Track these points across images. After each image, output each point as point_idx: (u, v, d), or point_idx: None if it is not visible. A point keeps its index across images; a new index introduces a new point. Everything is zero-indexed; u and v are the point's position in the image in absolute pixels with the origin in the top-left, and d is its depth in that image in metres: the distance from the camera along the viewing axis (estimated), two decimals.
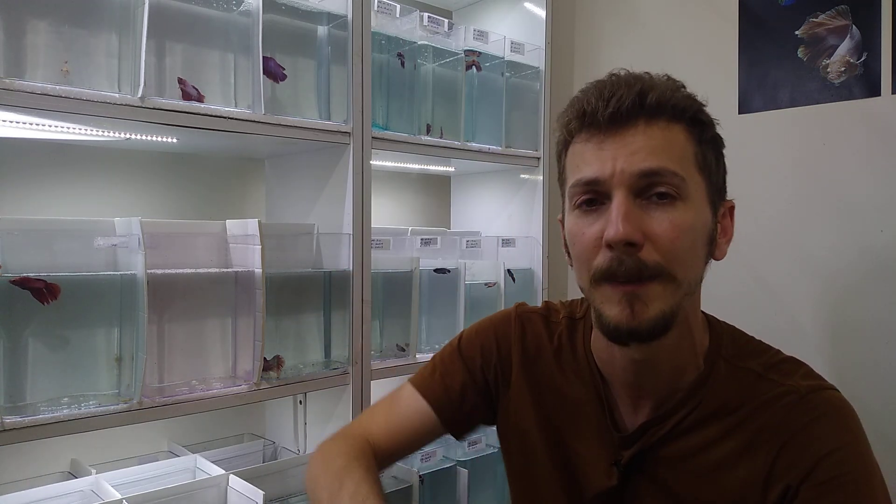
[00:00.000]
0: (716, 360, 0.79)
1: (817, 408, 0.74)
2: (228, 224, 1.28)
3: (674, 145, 0.73)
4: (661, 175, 0.71)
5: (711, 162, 0.76)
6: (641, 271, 0.70)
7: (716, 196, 0.77)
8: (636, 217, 0.71)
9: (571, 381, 0.87)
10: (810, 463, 0.71)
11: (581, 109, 0.74)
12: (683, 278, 0.72)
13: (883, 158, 1.37)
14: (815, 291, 1.46)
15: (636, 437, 0.80)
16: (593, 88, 0.75)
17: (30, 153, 1.27)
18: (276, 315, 1.26)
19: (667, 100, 0.73)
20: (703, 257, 0.75)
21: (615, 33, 1.85)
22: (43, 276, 0.99)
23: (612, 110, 0.72)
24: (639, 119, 0.72)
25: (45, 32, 1.01)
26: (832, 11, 1.43)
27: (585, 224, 0.74)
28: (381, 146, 1.40)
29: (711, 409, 0.77)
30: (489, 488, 1.61)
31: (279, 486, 1.35)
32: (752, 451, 0.74)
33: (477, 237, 1.72)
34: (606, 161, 0.72)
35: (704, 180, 0.75)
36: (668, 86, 0.75)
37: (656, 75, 0.77)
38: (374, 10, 1.38)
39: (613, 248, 0.71)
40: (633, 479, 0.80)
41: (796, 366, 0.79)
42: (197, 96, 1.15)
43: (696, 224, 0.73)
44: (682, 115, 0.74)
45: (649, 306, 0.71)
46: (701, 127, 0.76)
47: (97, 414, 1.03)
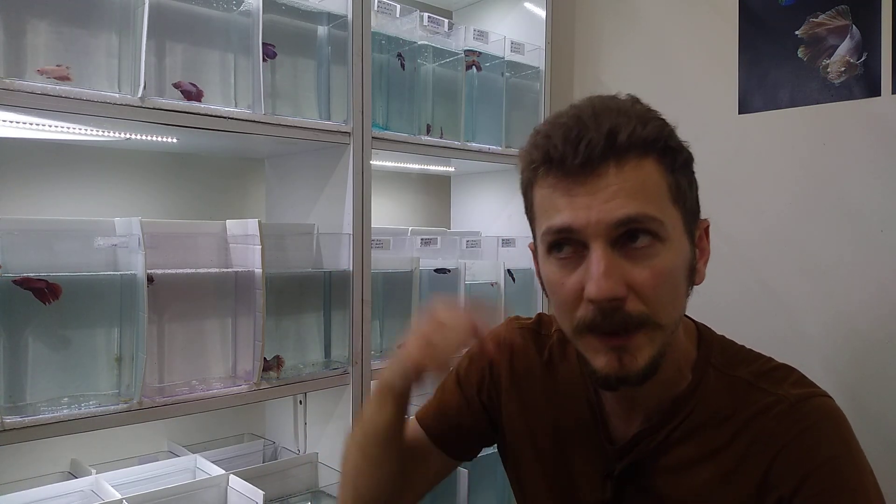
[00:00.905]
0: (705, 369, 0.79)
1: (808, 417, 0.73)
2: (228, 224, 1.28)
3: (647, 185, 0.69)
4: (638, 221, 0.68)
5: (685, 189, 0.73)
6: (626, 323, 0.68)
7: (692, 223, 0.74)
8: (617, 269, 0.68)
9: (563, 395, 0.87)
10: (802, 474, 0.70)
11: (547, 154, 0.70)
12: (667, 323, 0.71)
13: (883, 158, 1.37)
14: (815, 291, 1.46)
15: (629, 448, 0.79)
16: (559, 130, 0.70)
17: (30, 153, 1.28)
18: (276, 315, 1.26)
19: (637, 135, 0.68)
20: (685, 292, 0.74)
21: (615, 33, 1.85)
22: (44, 277, 0.99)
23: (582, 159, 0.68)
24: (609, 161, 0.68)
25: (45, 32, 1.01)
26: (832, 11, 1.43)
27: (563, 275, 0.71)
28: (381, 146, 1.40)
29: (702, 418, 0.77)
30: (489, 488, 1.61)
31: (279, 486, 1.35)
32: (745, 464, 0.74)
33: (477, 237, 1.72)
34: (580, 210, 0.68)
35: (680, 212, 0.72)
36: (637, 115, 0.70)
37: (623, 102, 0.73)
38: (374, 10, 1.38)
39: (596, 303, 0.68)
40: (626, 492, 0.79)
41: (787, 373, 0.78)
42: (196, 93, 1.15)
43: (676, 263, 0.71)
44: (652, 146, 0.69)
45: (637, 357, 0.69)
46: (672, 155, 0.71)
47: (97, 414, 1.03)
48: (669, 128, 0.73)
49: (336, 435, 1.38)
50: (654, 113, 0.73)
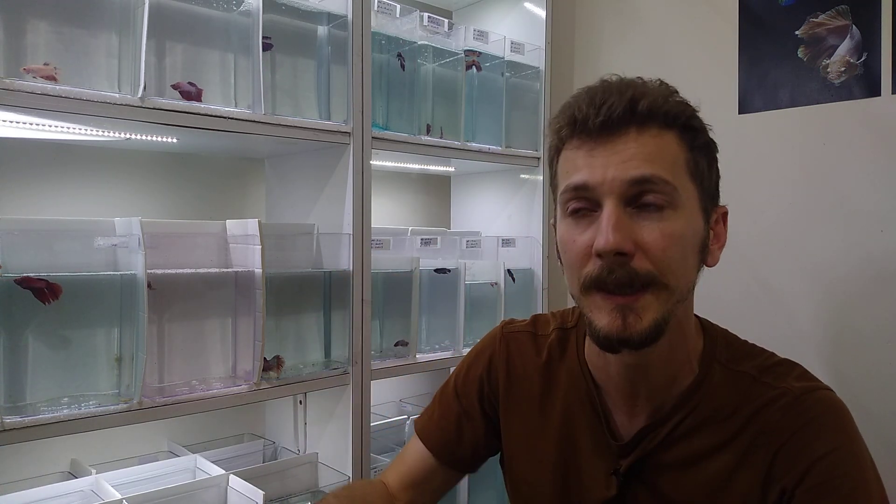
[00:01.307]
0: (710, 364, 0.79)
1: (811, 409, 0.74)
2: (228, 224, 1.28)
3: (665, 153, 0.72)
4: (652, 183, 0.70)
5: (704, 168, 0.75)
6: (633, 280, 0.70)
7: (708, 203, 0.76)
8: (627, 226, 0.70)
9: (564, 394, 0.87)
10: (805, 466, 0.71)
11: (572, 116, 0.74)
12: (675, 286, 0.72)
13: (883, 158, 1.37)
14: (815, 291, 1.46)
15: (633, 444, 0.79)
16: (584, 95, 0.74)
17: (30, 153, 1.27)
18: (276, 315, 1.26)
19: (658, 107, 0.72)
20: (694, 265, 0.75)
21: (615, 33, 1.85)
22: (44, 276, 0.99)
23: (604, 118, 0.71)
24: (630, 126, 0.71)
25: (45, 32, 1.01)
26: (832, 11, 1.43)
27: (576, 232, 0.73)
28: (381, 146, 1.40)
29: (707, 413, 0.77)
30: (489, 488, 1.61)
31: (279, 486, 1.35)
32: (750, 457, 0.74)
33: (477, 237, 1.72)
34: (597, 168, 0.71)
35: (696, 187, 0.74)
36: (661, 92, 0.74)
37: (649, 80, 0.76)
38: (374, 10, 1.38)
39: (603, 258, 0.70)
40: (632, 488, 0.79)
41: (790, 368, 0.79)
42: (195, 93, 1.15)
43: (686, 232, 0.72)
44: (674, 121, 0.73)
45: (643, 318, 0.70)
46: (693, 133, 0.75)
47: (97, 414, 1.03)
48: (693, 110, 0.76)
49: (336, 435, 1.38)
50: (678, 95, 0.76)
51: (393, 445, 1.60)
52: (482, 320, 1.60)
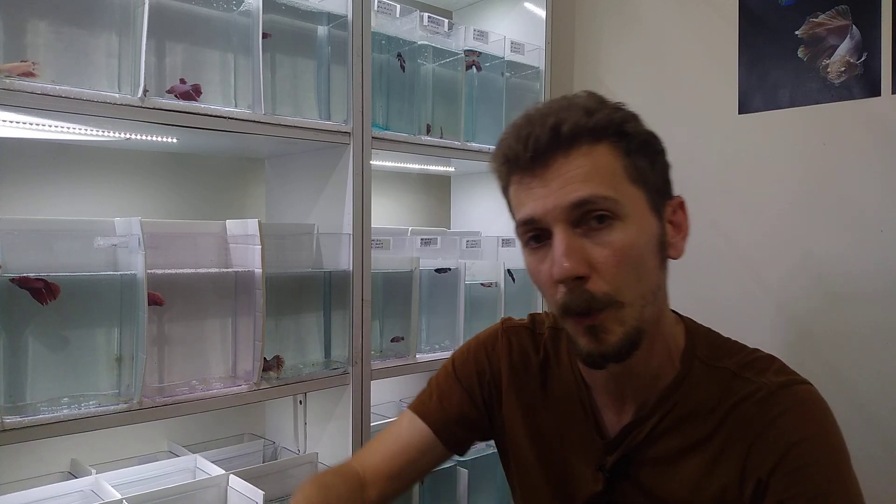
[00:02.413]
0: (691, 361, 0.80)
1: (785, 401, 0.75)
2: (228, 224, 1.28)
3: (600, 168, 0.72)
4: (592, 202, 0.71)
5: (645, 169, 0.75)
6: (590, 304, 0.72)
7: (658, 200, 0.77)
8: (578, 249, 0.72)
9: (558, 391, 0.89)
10: (778, 455, 0.72)
11: (504, 155, 0.77)
12: (633, 299, 0.73)
13: (883, 158, 1.37)
14: (815, 291, 1.46)
15: (618, 441, 0.81)
16: (512, 130, 0.76)
17: (30, 153, 1.27)
18: (276, 315, 1.26)
19: (582, 125, 0.72)
20: (655, 266, 0.76)
21: (615, 33, 1.85)
22: (43, 276, 0.99)
23: (531, 153, 0.73)
24: (558, 153, 0.73)
25: (45, 32, 1.01)
26: (832, 11, 1.43)
27: (537, 262, 0.76)
28: (381, 146, 1.40)
29: (688, 409, 0.78)
30: (489, 488, 1.61)
31: (279, 486, 1.35)
32: (728, 451, 0.76)
33: (477, 237, 1.72)
34: (538, 200, 0.73)
35: (642, 190, 0.75)
36: (584, 107, 0.74)
37: (575, 97, 0.77)
38: (374, 10, 1.38)
39: (564, 283, 0.72)
40: (618, 484, 0.81)
41: (769, 362, 0.80)
42: (194, 91, 1.15)
43: (638, 240, 0.73)
44: (602, 134, 0.73)
45: (610, 333, 0.72)
46: (626, 139, 0.74)
47: (97, 414, 1.03)
48: (624, 114, 0.76)
49: (336, 435, 1.38)
50: (607, 103, 0.76)
51: None
52: (482, 320, 1.60)
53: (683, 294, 1.64)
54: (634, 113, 0.77)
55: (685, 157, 1.71)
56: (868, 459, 0.74)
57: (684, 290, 1.65)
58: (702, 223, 1.62)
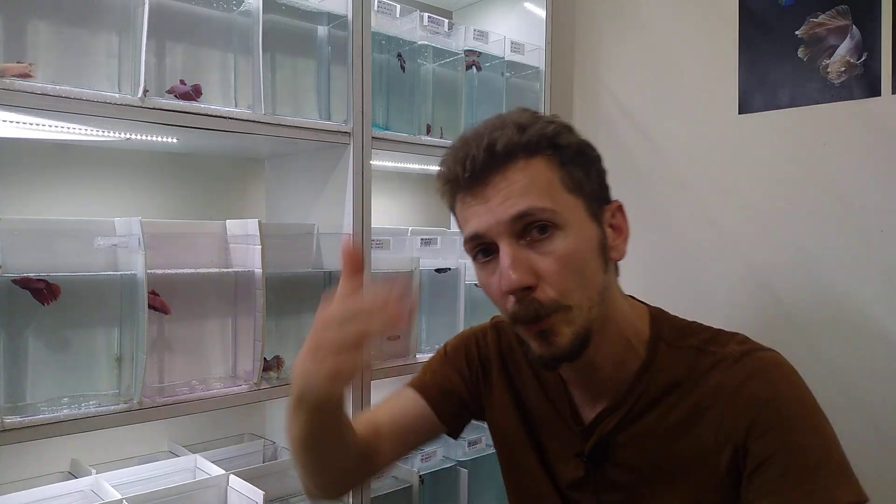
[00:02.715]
0: (656, 345, 0.83)
1: (750, 366, 0.78)
2: (228, 224, 1.28)
3: (536, 181, 0.75)
4: (530, 214, 0.74)
5: (581, 178, 0.78)
6: (538, 312, 0.75)
7: (596, 207, 0.80)
8: (524, 260, 0.75)
9: (541, 383, 0.93)
10: (749, 418, 0.74)
11: (446, 177, 0.80)
12: (579, 302, 0.76)
13: (883, 158, 1.37)
14: (815, 291, 1.46)
15: (592, 428, 0.85)
16: (450, 154, 0.80)
17: (30, 153, 1.27)
18: (276, 315, 1.26)
19: (515, 142, 0.75)
20: (599, 268, 0.78)
21: (615, 33, 1.85)
22: (44, 277, 0.99)
23: (469, 173, 0.76)
24: (495, 170, 0.76)
25: (45, 32, 1.01)
26: (832, 11, 1.43)
27: (487, 275, 0.79)
28: (381, 146, 1.40)
29: (659, 389, 0.81)
30: (489, 488, 1.61)
31: (279, 486, 1.35)
32: (700, 419, 0.78)
33: None
34: (482, 216, 0.76)
35: (579, 198, 0.78)
36: (517, 124, 0.77)
37: (508, 115, 0.80)
38: (374, 10, 1.38)
39: (513, 294, 0.75)
40: (598, 468, 0.85)
41: (732, 336, 0.83)
42: (193, 92, 1.15)
43: (579, 247, 0.76)
44: (536, 148, 0.76)
45: (559, 336, 0.76)
46: (560, 151, 0.77)
47: (97, 414, 1.03)
48: (556, 127, 0.78)
49: None
50: (539, 118, 0.79)
51: None
52: (482, 320, 1.60)
53: (683, 293, 1.64)
54: (568, 124, 0.80)
55: (685, 157, 1.72)
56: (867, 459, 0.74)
57: (684, 290, 1.65)
58: (701, 223, 1.62)
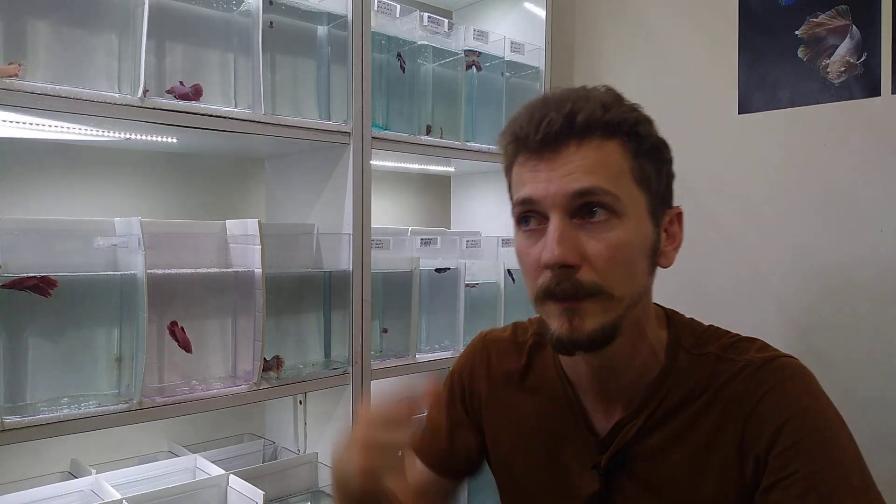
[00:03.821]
0: (676, 351, 0.81)
1: (773, 376, 0.76)
2: (228, 224, 1.28)
3: (607, 163, 0.73)
4: (593, 194, 0.71)
5: (651, 174, 0.76)
6: (577, 291, 0.72)
7: (658, 207, 0.77)
8: (572, 238, 0.72)
9: (545, 396, 0.89)
10: (772, 431, 0.72)
11: (515, 134, 0.76)
12: (622, 295, 0.73)
13: (883, 158, 1.37)
14: (815, 291, 1.46)
15: (610, 438, 0.81)
16: (525, 111, 0.76)
17: (30, 153, 1.27)
18: (276, 315, 1.26)
19: (597, 118, 0.72)
20: (644, 270, 0.76)
21: (615, 33, 1.85)
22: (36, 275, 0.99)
23: (542, 135, 0.73)
24: (570, 140, 0.73)
25: (45, 32, 1.01)
26: (832, 11, 1.43)
27: (528, 244, 0.76)
28: (381, 146, 1.40)
29: (678, 398, 0.79)
30: (489, 488, 1.61)
31: (279, 486, 1.35)
32: (722, 431, 0.76)
33: (477, 237, 1.72)
34: (540, 183, 0.73)
35: (644, 194, 0.75)
36: (602, 101, 0.74)
37: (594, 89, 0.77)
38: (374, 10, 1.38)
39: (551, 269, 0.72)
40: (615, 481, 0.81)
41: (751, 342, 0.81)
42: (193, 92, 1.15)
43: (633, 241, 0.73)
44: (616, 130, 0.73)
45: (585, 321, 0.72)
46: (638, 140, 0.75)
47: (97, 414, 1.03)
48: (639, 116, 0.76)
49: (336, 435, 1.38)
50: (624, 102, 0.76)
51: None
52: (482, 320, 1.60)
53: (683, 293, 1.64)
54: (649, 117, 0.77)
55: (685, 156, 1.71)
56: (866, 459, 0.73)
57: (684, 290, 1.65)
58: (701, 223, 1.62)
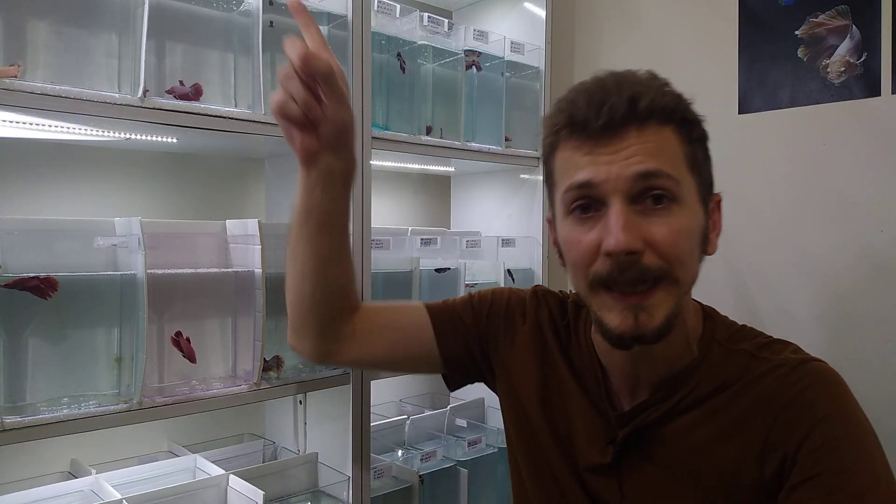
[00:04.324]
0: (710, 344, 0.81)
1: (806, 378, 0.76)
2: (228, 224, 1.28)
3: (666, 148, 0.73)
4: (656, 177, 0.71)
5: (700, 159, 0.77)
6: (644, 276, 0.71)
7: (706, 193, 0.78)
8: (635, 224, 0.71)
9: (574, 363, 0.90)
10: (804, 431, 0.72)
11: (571, 117, 0.74)
12: (685, 279, 0.74)
13: (883, 158, 1.37)
14: (815, 291, 1.46)
15: (632, 416, 0.82)
16: (583, 94, 0.74)
17: (30, 153, 1.27)
18: (276, 315, 1.26)
19: (657, 104, 0.73)
20: (698, 256, 0.76)
21: (615, 33, 1.85)
22: (43, 277, 0.99)
23: (605, 120, 0.72)
24: (630, 125, 0.72)
25: (45, 32, 1.01)
26: (832, 11, 1.43)
27: (581, 232, 0.74)
28: (381, 146, 1.40)
29: (708, 389, 0.79)
30: (489, 488, 1.61)
31: (279, 486, 1.35)
32: (747, 424, 0.76)
33: (477, 237, 1.72)
34: (601, 166, 0.72)
35: (695, 179, 0.76)
36: (656, 87, 0.75)
37: (640, 74, 0.77)
38: (374, 10, 1.38)
39: (613, 257, 0.71)
40: (627, 457, 0.82)
41: (785, 345, 0.82)
42: (193, 92, 1.15)
43: (692, 225, 0.74)
44: (671, 116, 0.74)
45: (654, 314, 0.72)
46: (689, 126, 0.76)
47: (97, 414, 1.03)
48: (686, 102, 0.77)
49: (336, 435, 1.38)
50: (671, 87, 0.77)
51: (393, 445, 1.60)
52: None
53: None
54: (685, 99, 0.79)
55: None
56: None
57: None
58: None
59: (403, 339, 0.98)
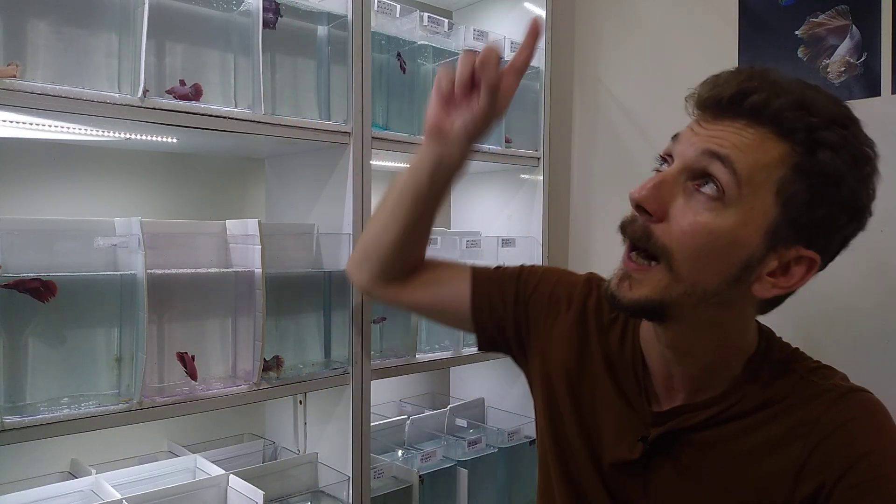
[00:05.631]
0: (762, 362, 0.81)
1: (855, 408, 0.74)
2: (228, 224, 1.28)
3: (758, 154, 0.69)
4: (720, 162, 0.69)
5: (800, 201, 0.69)
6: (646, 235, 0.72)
7: (785, 237, 0.71)
8: (668, 191, 0.71)
9: (611, 355, 0.89)
10: (846, 463, 0.70)
11: (698, 88, 0.75)
12: (686, 277, 0.72)
13: (883, 158, 1.36)
14: (814, 291, 1.45)
15: (669, 416, 0.81)
16: (720, 73, 0.75)
17: (30, 153, 1.28)
18: (276, 315, 1.26)
19: (770, 110, 0.69)
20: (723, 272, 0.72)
21: (615, 33, 1.85)
22: (42, 277, 0.99)
23: (710, 97, 0.72)
24: (737, 117, 0.70)
25: (45, 32, 1.01)
26: (832, 11, 1.43)
27: None
28: (381, 146, 1.40)
29: (752, 404, 0.78)
30: (489, 488, 1.61)
31: (279, 486, 1.35)
32: (787, 444, 0.74)
33: (477, 237, 1.72)
34: (689, 133, 0.73)
35: (777, 208, 0.69)
36: (797, 99, 0.70)
37: (798, 81, 0.73)
38: (374, 10, 1.38)
39: (631, 204, 0.73)
40: (656, 457, 0.81)
41: (834, 371, 0.81)
42: (193, 92, 1.15)
43: (720, 234, 0.70)
44: (788, 133, 0.69)
45: (635, 289, 0.74)
46: (810, 155, 0.68)
47: (97, 414, 1.03)
48: (831, 137, 0.69)
49: (336, 435, 1.38)
50: (827, 115, 0.70)
51: (393, 445, 1.60)
52: None
53: None
54: (857, 148, 0.73)
55: None
56: None
57: None
58: None
59: (443, 298, 1.03)
